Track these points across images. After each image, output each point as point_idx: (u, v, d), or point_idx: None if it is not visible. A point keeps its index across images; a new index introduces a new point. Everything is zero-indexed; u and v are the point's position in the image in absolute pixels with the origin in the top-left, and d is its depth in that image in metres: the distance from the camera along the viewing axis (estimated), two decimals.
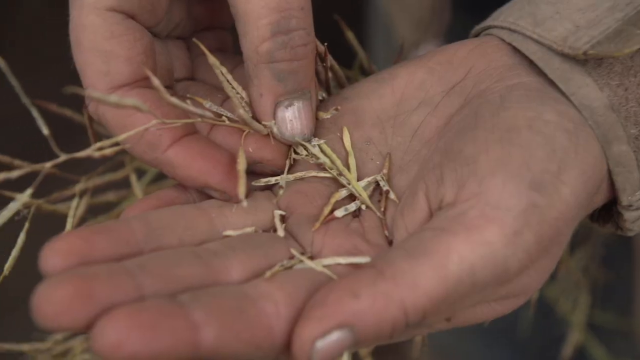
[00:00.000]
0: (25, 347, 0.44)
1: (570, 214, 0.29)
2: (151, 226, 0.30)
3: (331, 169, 0.34)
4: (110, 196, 0.44)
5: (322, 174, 0.34)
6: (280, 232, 0.32)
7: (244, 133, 0.34)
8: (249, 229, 0.32)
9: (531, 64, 0.33)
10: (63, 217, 0.40)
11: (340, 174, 0.34)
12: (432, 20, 0.59)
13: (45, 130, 0.33)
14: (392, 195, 0.33)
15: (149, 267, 0.27)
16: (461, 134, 0.31)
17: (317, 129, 0.35)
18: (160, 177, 0.46)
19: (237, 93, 0.33)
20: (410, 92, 0.35)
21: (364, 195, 0.33)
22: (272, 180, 0.34)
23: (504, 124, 0.30)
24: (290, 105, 0.33)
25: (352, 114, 0.35)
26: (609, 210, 0.34)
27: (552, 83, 0.32)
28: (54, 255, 0.27)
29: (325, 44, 0.35)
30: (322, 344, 0.26)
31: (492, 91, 0.32)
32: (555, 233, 0.29)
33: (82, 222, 0.40)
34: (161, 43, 0.36)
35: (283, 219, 0.33)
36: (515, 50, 0.34)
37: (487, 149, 0.30)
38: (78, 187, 0.40)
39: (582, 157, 0.30)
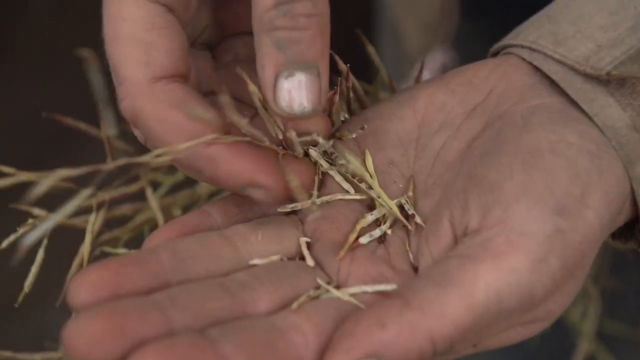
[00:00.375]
0: (37, 357, 0.44)
1: (595, 237, 0.29)
2: (179, 256, 0.30)
3: (358, 181, 0.34)
4: (125, 209, 0.44)
5: (348, 197, 0.34)
6: (310, 262, 0.32)
7: (280, 155, 0.33)
8: (275, 257, 0.32)
9: (552, 83, 0.33)
10: (76, 230, 0.40)
11: (370, 188, 0.34)
12: (441, 24, 0.59)
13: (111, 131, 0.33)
14: (418, 219, 0.33)
15: (178, 301, 0.28)
16: (484, 159, 0.31)
17: (339, 150, 0.35)
18: (176, 188, 0.47)
19: (271, 117, 0.33)
20: (432, 114, 0.35)
21: (394, 209, 0.33)
22: (299, 205, 0.34)
23: (527, 147, 0.30)
24: (290, 75, 0.30)
25: (373, 136, 0.35)
26: (630, 228, 0.34)
27: (573, 103, 0.32)
28: (83, 288, 0.27)
29: (348, 65, 0.35)
30: None
31: (513, 113, 0.32)
32: (579, 257, 0.29)
33: (98, 235, 0.41)
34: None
35: (308, 246, 0.33)
36: (536, 69, 0.34)
37: (511, 175, 0.30)
38: (95, 201, 0.40)
39: (605, 179, 0.30)
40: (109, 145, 0.38)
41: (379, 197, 0.33)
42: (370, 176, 0.35)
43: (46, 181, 0.29)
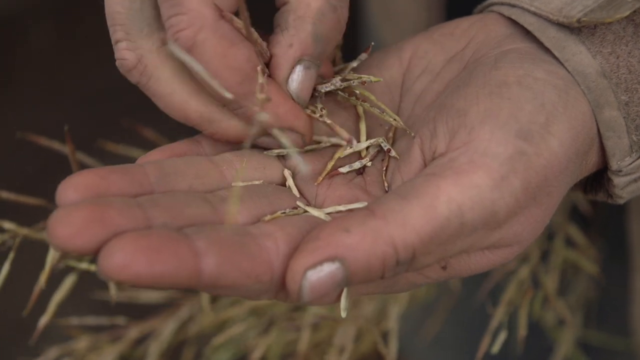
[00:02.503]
0: None
1: (559, 165, 0.30)
2: (164, 171, 0.31)
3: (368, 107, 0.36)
4: None
5: (333, 141, 0.35)
6: (295, 192, 0.33)
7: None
8: (257, 182, 0.33)
9: (528, 34, 0.34)
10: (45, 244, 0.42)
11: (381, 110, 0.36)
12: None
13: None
14: (393, 153, 0.35)
15: (160, 203, 0.29)
16: (455, 91, 0.33)
17: (333, 95, 0.36)
18: None
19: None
20: (415, 62, 0.37)
21: (399, 120, 0.35)
22: (285, 151, 0.35)
23: (495, 80, 0.32)
24: (308, 67, 0.33)
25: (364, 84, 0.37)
26: (600, 179, 0.36)
27: (546, 50, 0.33)
28: (70, 189, 0.28)
29: (372, 43, 0.37)
30: (313, 275, 0.27)
31: (488, 56, 0.34)
32: (542, 181, 0.30)
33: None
34: None
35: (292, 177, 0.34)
36: (514, 23, 0.35)
37: (477, 102, 0.31)
38: None
39: (570, 112, 0.31)
40: (74, 160, 0.41)
41: (382, 111, 0.35)
42: (360, 117, 0.36)
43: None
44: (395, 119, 0.35)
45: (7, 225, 0.40)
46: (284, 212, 0.31)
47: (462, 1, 0.42)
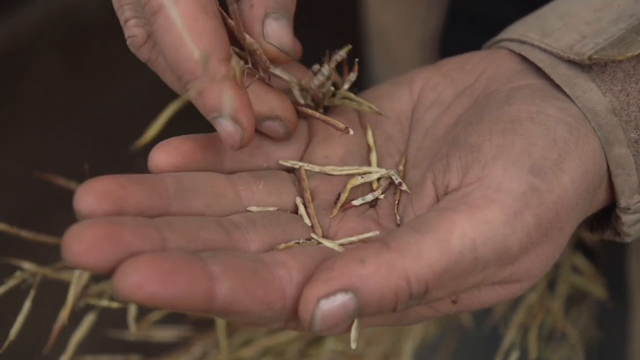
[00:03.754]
0: None
1: (570, 201, 0.31)
2: (183, 186, 0.31)
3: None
4: None
5: (338, 173, 0.36)
6: (307, 221, 0.34)
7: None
8: (271, 208, 0.34)
9: (538, 70, 0.35)
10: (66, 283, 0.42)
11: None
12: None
13: None
14: (404, 187, 0.35)
15: (175, 226, 0.29)
16: (467, 127, 0.33)
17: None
18: None
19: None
20: (425, 94, 0.37)
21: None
22: (298, 164, 0.36)
23: (507, 116, 0.32)
24: (277, 19, 0.33)
25: (374, 114, 0.38)
26: (608, 217, 0.36)
27: (557, 87, 0.34)
28: (89, 195, 0.28)
29: (357, 59, 0.37)
30: (326, 304, 0.27)
31: (499, 91, 0.34)
32: (554, 217, 0.30)
33: (85, 288, 0.43)
34: None
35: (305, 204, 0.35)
36: (524, 59, 0.36)
37: (490, 138, 0.31)
38: None
39: (582, 149, 0.32)
40: None
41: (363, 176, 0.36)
42: (370, 148, 0.37)
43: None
44: (371, 108, 0.36)
45: (27, 265, 0.41)
46: (298, 242, 0.32)
47: (454, 45, 0.43)
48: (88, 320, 0.43)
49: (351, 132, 0.35)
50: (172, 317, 0.50)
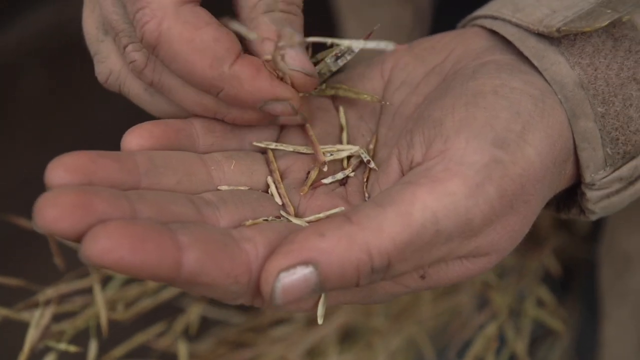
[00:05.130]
0: None
1: (536, 173, 0.31)
2: (154, 163, 0.31)
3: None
4: (77, 302, 0.46)
5: (310, 151, 0.36)
6: (278, 200, 0.34)
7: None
8: (242, 188, 0.34)
9: (508, 45, 0.35)
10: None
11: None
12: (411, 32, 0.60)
13: None
14: (372, 164, 0.35)
15: (147, 198, 0.29)
16: (432, 102, 0.33)
17: (316, 108, 0.37)
18: (128, 282, 0.50)
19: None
20: (395, 74, 0.38)
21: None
22: (272, 144, 0.36)
23: (471, 90, 0.32)
24: (292, 47, 0.33)
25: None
26: (573, 197, 0.36)
27: (525, 61, 0.34)
28: (60, 168, 0.28)
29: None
30: (286, 277, 0.27)
31: (466, 67, 0.34)
32: (519, 189, 0.30)
33: (46, 329, 0.44)
34: None
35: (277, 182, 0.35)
36: (495, 34, 0.36)
37: (453, 112, 0.31)
38: (41, 297, 0.43)
39: (547, 122, 0.31)
40: (54, 246, 0.42)
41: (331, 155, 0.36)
42: (343, 128, 0.37)
43: None
44: (371, 97, 0.36)
45: None
46: (266, 219, 0.32)
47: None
48: None
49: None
50: (137, 352, 0.51)
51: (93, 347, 0.45)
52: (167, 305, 0.52)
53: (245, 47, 0.34)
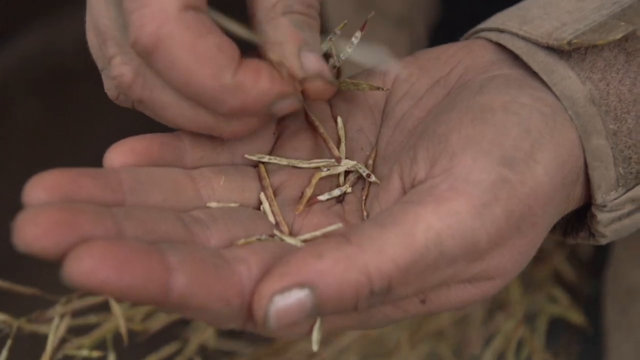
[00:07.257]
0: None
1: (544, 194, 0.29)
2: (139, 180, 0.30)
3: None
4: (91, 319, 0.46)
5: (306, 165, 0.35)
6: (271, 219, 0.32)
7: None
8: (233, 205, 0.32)
9: (516, 59, 0.34)
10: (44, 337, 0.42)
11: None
12: (416, 18, 0.59)
13: None
14: (373, 178, 0.34)
15: (133, 216, 0.27)
16: (437, 117, 0.32)
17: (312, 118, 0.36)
18: None
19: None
20: (398, 85, 0.36)
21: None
22: (265, 157, 0.34)
23: (479, 106, 0.31)
24: (311, 50, 0.31)
25: (346, 103, 0.36)
26: (582, 220, 0.35)
27: (534, 75, 0.33)
28: (38, 188, 0.27)
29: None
30: (281, 301, 0.26)
31: (473, 82, 0.33)
32: (527, 210, 0.29)
33: (62, 342, 0.42)
34: None
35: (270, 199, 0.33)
36: (502, 48, 0.35)
37: (459, 128, 0.30)
38: (58, 309, 0.42)
39: (557, 140, 0.30)
40: None
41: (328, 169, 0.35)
42: (340, 140, 0.36)
43: None
44: (370, 86, 0.35)
45: (0, 316, 0.41)
46: (259, 238, 0.30)
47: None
48: None
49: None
50: None
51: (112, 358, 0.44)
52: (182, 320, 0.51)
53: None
